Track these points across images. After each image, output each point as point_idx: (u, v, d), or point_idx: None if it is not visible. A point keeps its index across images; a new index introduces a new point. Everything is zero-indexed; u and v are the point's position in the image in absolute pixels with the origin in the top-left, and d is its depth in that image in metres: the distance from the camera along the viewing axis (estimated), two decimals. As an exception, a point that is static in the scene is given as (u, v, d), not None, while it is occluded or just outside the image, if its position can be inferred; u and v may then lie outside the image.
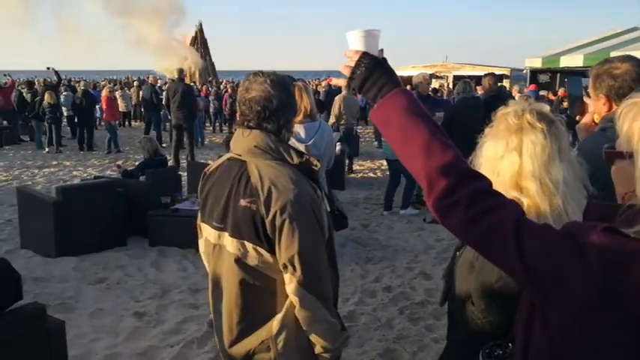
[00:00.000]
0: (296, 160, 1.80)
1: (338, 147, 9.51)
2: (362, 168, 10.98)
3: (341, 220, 3.53)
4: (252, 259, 1.74)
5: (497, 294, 1.44)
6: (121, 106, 16.67)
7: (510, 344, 1.27)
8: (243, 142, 1.79)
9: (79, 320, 4.05)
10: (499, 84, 8.85)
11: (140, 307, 4.33)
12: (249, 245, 1.73)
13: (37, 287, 4.62)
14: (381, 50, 1.18)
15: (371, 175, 10.33)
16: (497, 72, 18.70)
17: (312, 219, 1.74)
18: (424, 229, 6.56)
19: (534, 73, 13.29)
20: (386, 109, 1.09)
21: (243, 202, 1.72)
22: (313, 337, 1.78)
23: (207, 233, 1.89)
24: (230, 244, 1.77)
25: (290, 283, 1.72)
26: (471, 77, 15.62)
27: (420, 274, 5.08)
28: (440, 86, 19.79)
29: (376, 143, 13.87)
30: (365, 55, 1.15)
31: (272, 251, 1.73)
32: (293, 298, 1.73)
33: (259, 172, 1.73)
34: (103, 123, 14.77)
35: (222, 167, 1.89)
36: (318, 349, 1.80)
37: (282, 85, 1.79)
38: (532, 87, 13.19)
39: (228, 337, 1.83)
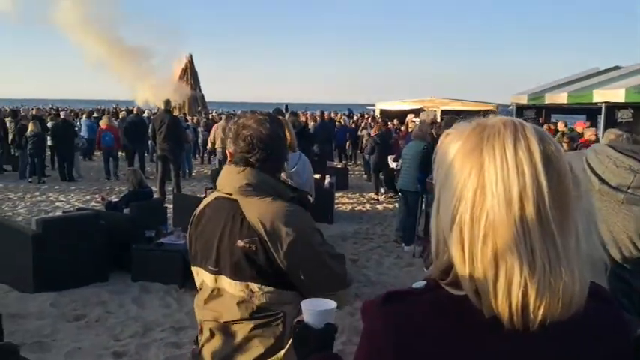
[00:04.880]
0: (290, 196, 1.80)
1: (327, 180, 9.50)
2: (351, 202, 10.92)
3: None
4: (258, 299, 1.71)
5: None
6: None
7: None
8: (235, 180, 1.75)
9: (54, 360, 3.85)
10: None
11: (120, 345, 4.15)
12: (254, 286, 1.70)
13: (14, 324, 4.40)
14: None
15: (360, 208, 10.27)
16: (485, 108, 19.01)
17: (319, 239, 1.75)
18: (414, 265, 6.46)
19: (520, 108, 13.52)
20: None
21: (240, 243, 1.68)
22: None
23: (203, 276, 1.83)
24: (230, 286, 1.73)
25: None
26: (458, 112, 15.83)
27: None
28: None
29: (365, 177, 13.86)
30: (299, 324, 1.27)
31: (278, 284, 1.69)
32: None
33: (256, 210, 1.70)
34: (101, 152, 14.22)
35: (210, 208, 1.84)
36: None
37: (278, 123, 1.82)
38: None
39: None
